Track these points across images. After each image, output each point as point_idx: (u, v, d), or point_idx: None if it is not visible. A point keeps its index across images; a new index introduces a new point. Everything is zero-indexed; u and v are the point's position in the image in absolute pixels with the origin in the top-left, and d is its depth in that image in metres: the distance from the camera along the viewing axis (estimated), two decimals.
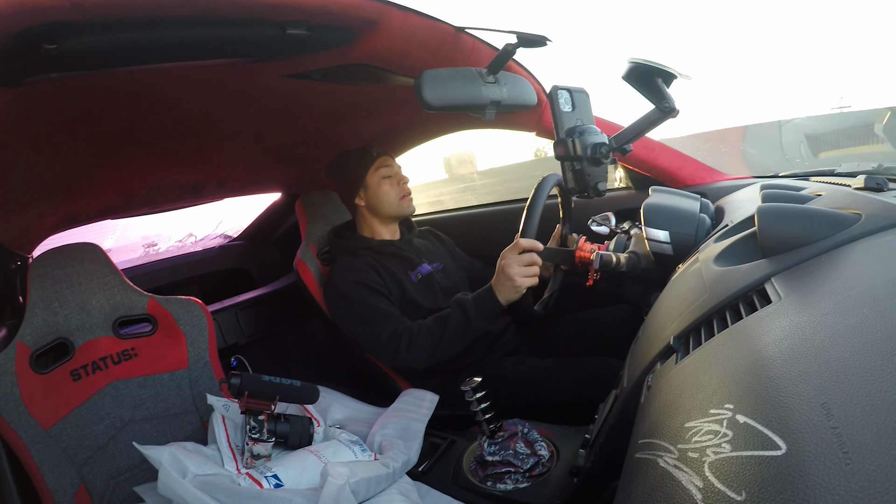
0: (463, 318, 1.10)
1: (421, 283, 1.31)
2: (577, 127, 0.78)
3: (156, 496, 0.77)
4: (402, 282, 1.27)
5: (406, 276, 1.29)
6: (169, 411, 1.14)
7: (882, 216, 0.49)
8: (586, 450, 0.70)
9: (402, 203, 1.34)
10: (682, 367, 0.44)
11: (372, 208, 1.35)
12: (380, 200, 1.33)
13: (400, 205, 1.33)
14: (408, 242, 1.38)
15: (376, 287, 1.22)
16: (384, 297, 1.22)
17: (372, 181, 1.32)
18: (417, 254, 1.37)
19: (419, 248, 1.41)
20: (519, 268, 1.03)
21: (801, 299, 0.40)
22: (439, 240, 1.52)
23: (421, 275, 1.32)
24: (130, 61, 0.73)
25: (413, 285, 1.28)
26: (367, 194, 1.33)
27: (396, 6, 0.79)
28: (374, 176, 1.32)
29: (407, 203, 1.35)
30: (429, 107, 0.65)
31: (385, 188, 1.32)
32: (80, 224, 1.33)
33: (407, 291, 1.26)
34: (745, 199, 0.93)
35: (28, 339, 1.00)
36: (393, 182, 1.33)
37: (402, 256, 1.33)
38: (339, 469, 0.76)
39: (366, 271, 1.24)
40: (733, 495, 0.26)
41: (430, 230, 1.55)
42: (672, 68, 0.68)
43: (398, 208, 1.33)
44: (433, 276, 1.33)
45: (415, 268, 1.33)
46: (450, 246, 1.52)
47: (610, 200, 1.46)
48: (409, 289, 1.27)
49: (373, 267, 1.26)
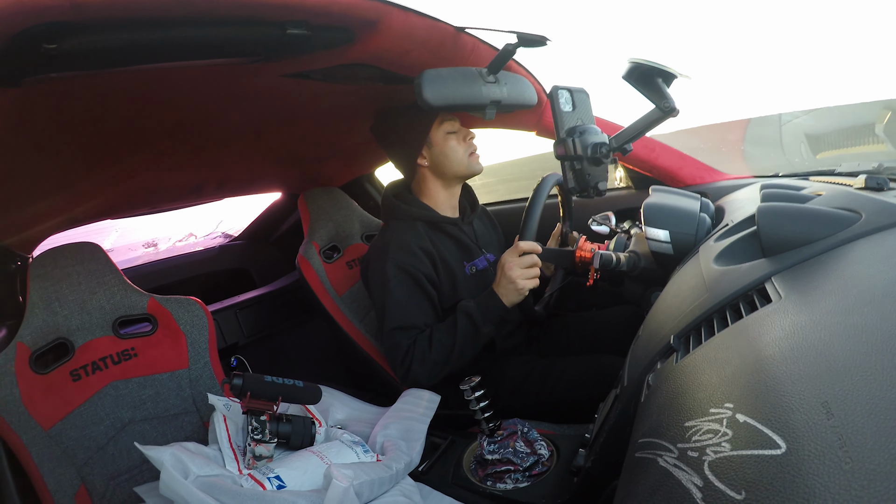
0: (471, 327, 1.06)
1: (473, 277, 1.22)
2: (578, 127, 0.78)
3: (156, 497, 0.77)
4: (455, 275, 1.19)
5: (461, 267, 1.21)
6: (169, 411, 1.14)
7: (882, 216, 0.49)
8: (586, 449, 0.70)
9: (472, 160, 1.21)
10: (682, 366, 0.44)
11: (437, 168, 1.22)
12: (447, 158, 1.20)
13: (469, 162, 1.21)
14: (469, 224, 1.29)
15: (423, 283, 1.14)
16: (427, 297, 1.15)
17: (437, 137, 1.19)
18: (477, 241, 1.28)
19: (479, 232, 1.32)
20: (520, 270, 1.02)
21: (801, 299, 0.40)
22: (493, 226, 1.43)
23: (476, 269, 1.23)
24: (130, 61, 0.73)
25: (465, 280, 1.20)
26: (431, 153, 1.21)
27: (396, 6, 0.79)
28: (438, 131, 1.19)
29: (475, 161, 1.22)
30: (429, 106, 0.65)
31: (452, 143, 1.19)
32: (81, 224, 1.33)
33: (458, 289, 1.18)
34: (746, 199, 0.93)
35: (28, 339, 1.00)
36: (459, 137, 1.21)
37: (462, 242, 1.24)
38: (343, 471, 0.76)
39: (421, 260, 1.15)
40: (733, 494, 0.26)
41: (486, 210, 1.44)
42: (672, 68, 0.68)
43: (468, 166, 1.21)
44: (487, 271, 1.24)
45: (472, 258, 1.24)
46: (500, 236, 1.44)
47: (610, 200, 1.46)
48: (461, 287, 1.19)
49: (429, 254, 1.17)
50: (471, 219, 1.29)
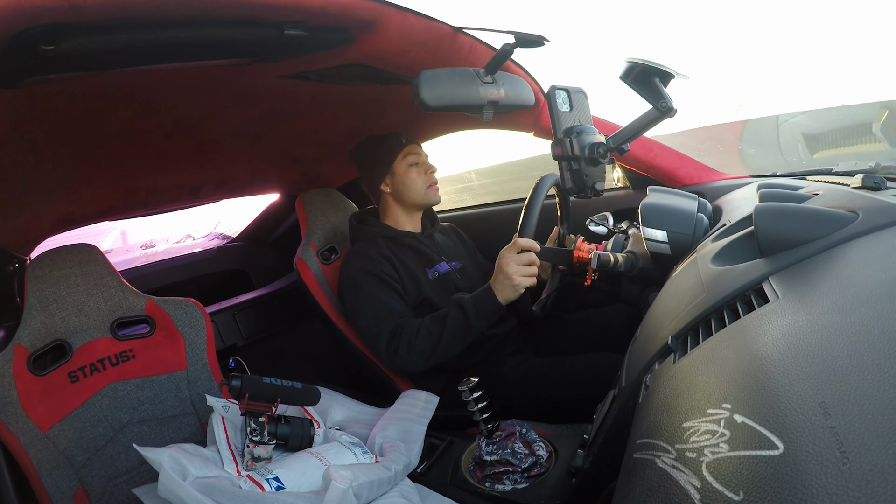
0: (462, 318, 1.09)
1: (437, 281, 1.29)
2: (575, 127, 0.78)
3: (155, 498, 0.76)
4: (417, 278, 1.25)
5: (423, 272, 1.28)
6: (167, 413, 1.14)
7: (879, 215, 0.50)
8: (584, 450, 0.70)
9: (429, 192, 1.32)
10: (679, 366, 0.44)
11: (397, 196, 1.33)
12: (406, 188, 1.31)
13: (426, 193, 1.32)
14: (429, 237, 1.36)
15: (388, 280, 1.20)
16: (395, 291, 1.21)
17: (399, 168, 1.31)
18: (437, 250, 1.35)
19: (440, 244, 1.38)
20: (518, 266, 1.03)
21: (798, 298, 0.40)
22: (461, 238, 1.50)
23: (438, 273, 1.30)
24: (128, 62, 0.73)
25: (429, 283, 1.27)
26: (393, 181, 1.32)
27: (394, 6, 0.79)
28: (401, 163, 1.31)
29: (433, 192, 1.33)
30: (426, 107, 0.65)
31: (412, 175, 1.30)
32: (79, 225, 1.33)
33: (423, 289, 1.24)
34: (743, 199, 0.93)
35: (25, 340, 1.00)
36: (420, 170, 1.31)
37: (421, 251, 1.31)
38: (342, 472, 0.76)
39: (380, 262, 1.22)
40: (731, 495, 0.26)
41: (453, 227, 1.53)
42: (669, 68, 0.68)
43: (424, 197, 1.32)
44: (451, 275, 1.32)
45: (433, 265, 1.31)
46: (471, 247, 1.51)
47: (608, 200, 1.46)
48: (425, 286, 1.25)
49: (388, 259, 1.24)
50: (430, 232, 1.38)
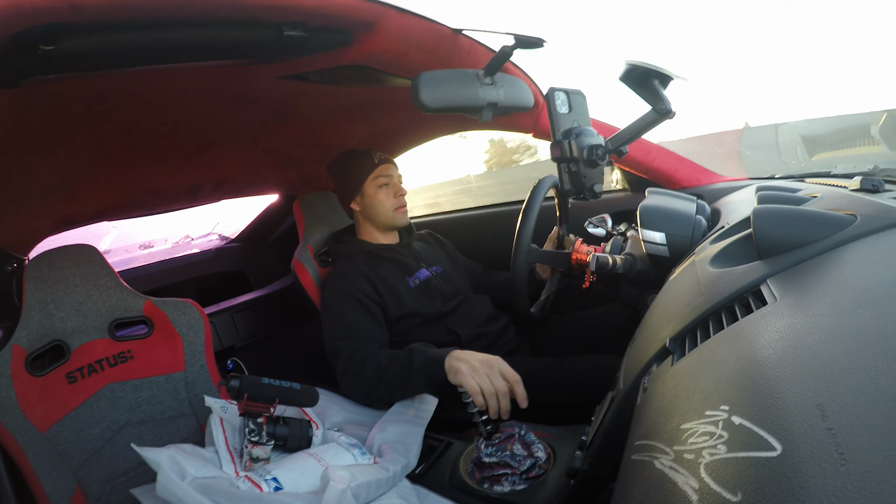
0: (406, 365, 1.03)
1: (419, 288, 1.29)
2: (574, 129, 0.78)
3: (153, 499, 0.76)
4: (398, 291, 1.25)
5: (403, 282, 1.28)
6: (165, 414, 1.14)
7: (877, 218, 0.50)
8: (583, 452, 0.70)
9: (396, 214, 1.33)
10: (678, 368, 0.44)
11: (366, 214, 1.35)
12: (374, 209, 1.33)
13: (394, 216, 1.33)
14: (406, 246, 1.37)
15: (363, 299, 1.20)
16: (367, 311, 1.19)
17: (369, 189, 1.32)
18: (416, 258, 1.36)
19: (418, 251, 1.40)
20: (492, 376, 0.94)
21: (796, 301, 0.40)
22: (439, 243, 1.51)
23: (419, 280, 1.30)
24: (128, 63, 0.73)
25: (411, 292, 1.27)
26: (363, 201, 1.34)
27: (394, 8, 0.79)
28: (371, 184, 1.32)
29: (400, 215, 1.34)
30: (426, 109, 0.65)
31: (380, 197, 1.32)
32: (78, 226, 1.33)
33: (404, 302, 1.24)
34: (741, 201, 0.94)
35: (24, 341, 1.00)
36: (389, 192, 1.32)
37: (400, 261, 1.32)
38: (341, 473, 0.76)
39: (357, 280, 1.22)
40: (729, 496, 0.26)
41: (430, 233, 1.54)
42: (669, 70, 0.68)
43: (391, 219, 1.33)
44: (431, 281, 1.32)
45: (412, 273, 1.31)
46: (450, 250, 1.51)
47: (606, 202, 1.47)
48: (407, 298, 1.25)
49: (366, 276, 1.24)
50: (408, 241, 1.39)
